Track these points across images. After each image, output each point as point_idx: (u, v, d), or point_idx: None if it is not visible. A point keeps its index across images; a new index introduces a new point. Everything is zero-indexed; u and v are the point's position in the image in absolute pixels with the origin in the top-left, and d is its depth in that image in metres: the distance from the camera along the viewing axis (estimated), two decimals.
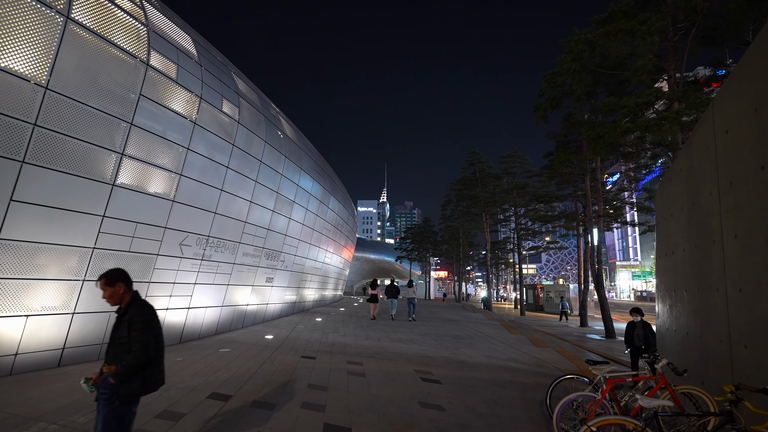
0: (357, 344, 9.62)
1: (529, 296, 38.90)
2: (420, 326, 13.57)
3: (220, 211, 9.79)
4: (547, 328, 18.35)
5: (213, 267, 9.97)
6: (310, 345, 9.27)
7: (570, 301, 34.82)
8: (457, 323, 15.11)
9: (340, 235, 22.80)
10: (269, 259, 12.92)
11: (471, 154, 36.99)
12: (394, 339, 10.57)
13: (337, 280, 25.52)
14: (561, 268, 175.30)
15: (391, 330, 12.27)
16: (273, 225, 12.71)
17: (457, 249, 48.45)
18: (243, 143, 10.34)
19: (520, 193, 33.48)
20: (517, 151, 33.37)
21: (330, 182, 19.02)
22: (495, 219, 41.44)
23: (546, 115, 18.07)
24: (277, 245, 13.37)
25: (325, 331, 11.44)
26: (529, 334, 12.74)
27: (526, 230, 37.41)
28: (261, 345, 8.95)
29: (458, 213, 43.83)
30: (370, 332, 11.56)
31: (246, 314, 11.85)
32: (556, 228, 33.39)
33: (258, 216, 11.68)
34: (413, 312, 16.38)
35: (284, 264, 14.19)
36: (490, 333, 12.48)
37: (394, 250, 58.64)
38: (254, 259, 11.88)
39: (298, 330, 11.55)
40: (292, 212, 13.93)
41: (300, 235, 15.20)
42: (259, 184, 11.40)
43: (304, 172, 14.51)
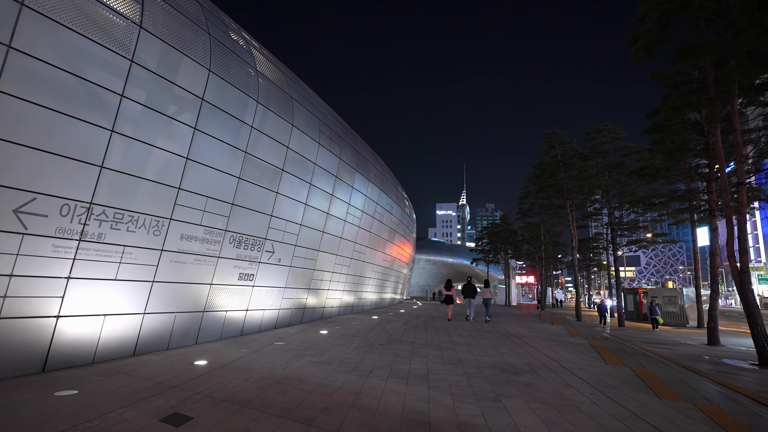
0: (321, 383, 5.51)
1: (629, 303, 32.29)
2: (461, 346, 9.14)
3: (112, 165, 6.26)
4: (659, 347, 12.92)
5: (112, 253, 6.45)
6: (238, 384, 5.34)
7: (684, 308, 27.99)
8: (521, 341, 10.40)
9: (384, 228, 18.80)
10: (243, 248, 9.28)
11: (550, 135, 31.16)
12: (396, 373, 6.33)
13: (384, 281, 21.51)
14: (665, 272, 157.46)
15: (408, 352, 8.03)
16: (246, 199, 9.07)
17: (539, 249, 42.30)
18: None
19: (614, 174, 27.20)
20: (608, 124, 27.15)
21: (362, 160, 15.15)
22: (583, 212, 35.07)
23: (650, 47, 12.73)
24: (258, 230, 9.71)
25: (299, 355, 7.50)
26: (636, 364, 7.80)
27: (621, 224, 30.80)
28: (145, 387, 5.18)
29: (537, 207, 38.00)
30: (369, 356, 7.44)
31: (208, 323, 8.26)
32: (663, 217, 26.60)
33: (210, 181, 8.07)
34: (488, 314, 16.53)
35: (274, 257, 10.48)
36: (570, 361, 7.75)
37: (473, 254, 53.56)
38: (208, 246, 8.28)
39: (248, 359, 7.70)
40: (279, 186, 10.20)
41: (302, 220, 11.46)
42: (201, 131, 7.73)
43: (296, 128, 10.74)
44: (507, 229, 47.58)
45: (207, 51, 7.71)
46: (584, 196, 27.23)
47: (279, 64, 11.14)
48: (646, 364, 7.90)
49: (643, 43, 12.54)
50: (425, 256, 64.91)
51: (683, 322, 27.25)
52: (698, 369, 8.37)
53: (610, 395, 5.41)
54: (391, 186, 19.47)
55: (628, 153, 26.28)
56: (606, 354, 8.52)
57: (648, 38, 12.41)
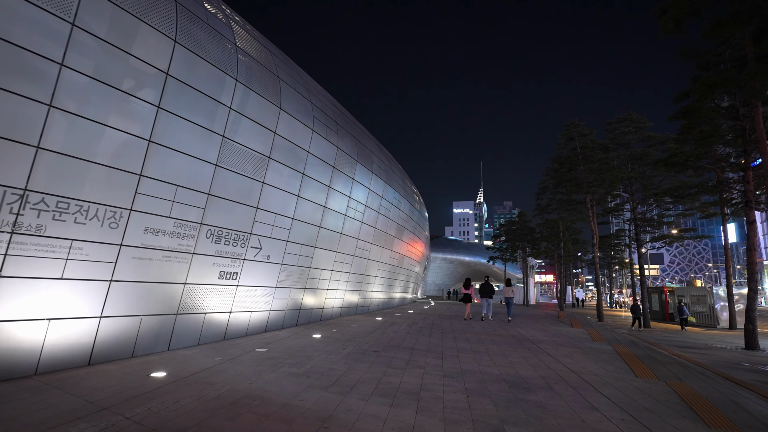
0: (287, 403, 4.52)
1: (654, 302, 30.66)
2: (467, 353, 8.06)
3: (52, 146, 5.39)
4: (692, 352, 11.65)
5: (56, 248, 5.58)
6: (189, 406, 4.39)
7: (714, 308, 26.32)
8: (536, 347, 9.27)
9: (391, 224, 17.77)
10: (224, 244, 8.38)
11: (569, 126, 29.60)
12: (383, 389, 5.30)
13: (392, 280, 20.48)
14: (689, 270, 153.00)
15: (404, 362, 6.99)
16: (225, 189, 8.16)
17: (557, 246, 40.73)
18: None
19: (637, 166, 25.62)
20: (630, 113, 25.59)
21: (364, 150, 14.14)
22: (604, 207, 33.49)
23: (679, 19, 11.45)
24: (241, 223, 8.79)
25: (276, 364, 6.53)
26: (671, 377, 6.62)
27: (645, 219, 29.14)
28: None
29: (556, 202, 36.48)
30: (358, 366, 6.43)
31: (182, 327, 7.37)
32: (691, 211, 24.89)
33: (180, 168, 7.16)
34: (509, 313, 16.42)
35: (262, 254, 9.56)
36: (593, 373, 6.62)
37: (490, 252, 52.14)
38: (180, 241, 7.38)
39: (221, 368, 6.76)
40: (266, 175, 9.26)
41: (294, 213, 10.52)
42: (167, 109, 6.82)
43: (284, 112, 9.79)
44: (524, 226, 46.03)
45: (172, 19, 6.79)
46: (605, 190, 25.72)
47: (266, 42, 10.20)
48: (684, 376, 6.72)
49: (673, 14, 11.26)
50: (441, 255, 63.65)
51: (713, 322, 25.59)
52: (743, 381, 7.15)
53: (646, 422, 4.30)
54: (398, 180, 18.43)
55: (652, 143, 24.72)
56: (635, 364, 7.35)
57: (678, 8, 11.13)
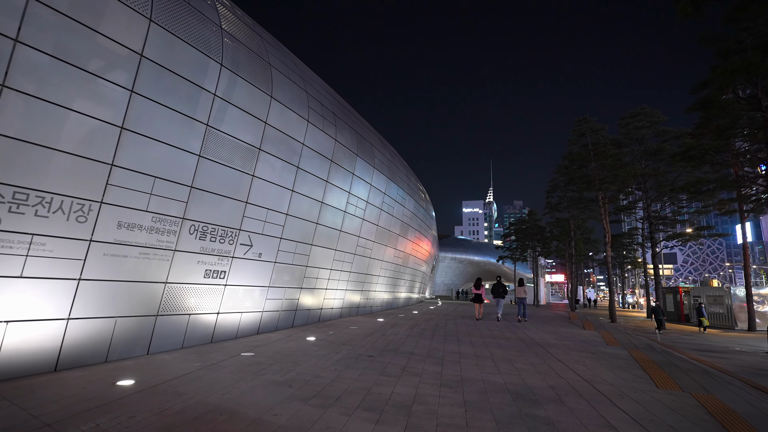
0: (258, 418, 3.94)
1: (669, 303, 29.72)
2: (469, 358, 7.46)
3: (6, 130, 4.88)
4: (713, 356, 10.92)
5: (13, 244, 5.08)
6: None
7: (732, 309, 25.36)
8: (545, 352, 8.62)
9: (395, 222, 17.18)
10: (210, 240, 7.85)
11: (580, 122, 28.78)
12: (370, 402, 4.72)
13: (397, 279, 19.87)
14: (703, 270, 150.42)
15: (399, 368, 6.40)
16: (210, 182, 7.63)
17: (568, 246, 39.82)
18: None
19: (651, 162, 24.77)
20: (644, 107, 24.73)
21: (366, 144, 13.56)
22: (616, 205, 32.61)
23: (699, 1, 10.70)
24: (229, 219, 8.27)
25: (259, 371, 5.97)
26: (696, 387, 5.95)
27: (660, 218, 28.24)
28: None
29: (567, 200, 35.64)
30: (348, 374, 5.85)
31: (164, 329, 6.84)
32: (707, 209, 23.97)
33: (158, 158, 6.63)
34: (524, 312, 16.12)
35: (253, 251, 9.02)
36: (608, 382, 5.98)
37: (499, 251, 51.35)
38: (159, 237, 6.86)
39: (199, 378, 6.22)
40: (256, 168, 8.72)
41: (289, 209, 9.97)
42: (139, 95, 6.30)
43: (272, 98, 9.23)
44: (535, 225, 45.17)
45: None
46: (618, 187, 24.88)
47: (257, 27, 9.65)
48: (710, 386, 6.05)
49: None
50: (451, 255, 62.88)
51: (731, 324, 24.62)
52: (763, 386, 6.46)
53: None
54: (402, 176, 17.83)
55: (667, 138, 23.84)
56: (654, 372, 6.68)
57: None
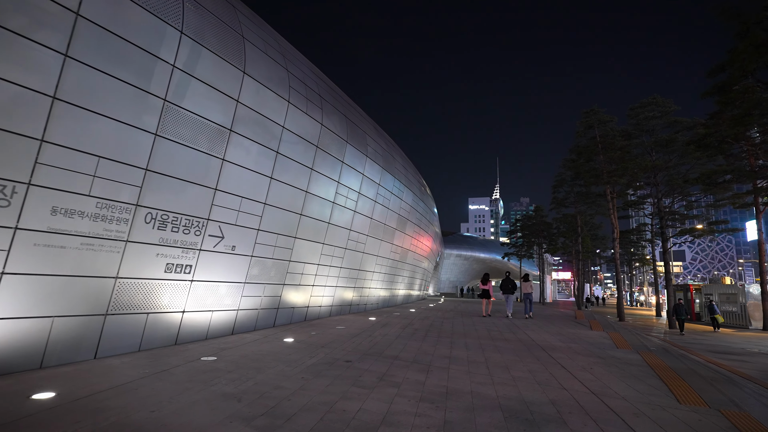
0: None
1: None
2: (461, 364, 6.58)
3: None
4: (731, 359, 10.00)
5: None
6: None
7: (746, 307, 24.28)
8: (547, 357, 7.72)
9: (392, 215, 16.31)
10: (171, 231, 7.02)
11: (588, 113, 27.71)
12: (330, 423, 3.84)
13: (394, 276, 19.00)
14: (712, 267, 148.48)
15: (377, 377, 5.52)
16: (170, 165, 6.80)
17: (575, 242, 38.82)
18: None
19: (662, 154, 23.67)
20: (655, 96, 23.63)
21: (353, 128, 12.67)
22: (625, 200, 31.54)
23: None
24: (195, 207, 7.43)
25: (211, 380, 5.14)
26: (724, 401, 5.05)
27: (672, 212, 27.14)
28: None
29: (573, 195, 34.66)
30: (315, 383, 5.00)
31: (116, 330, 6.02)
32: (721, 202, 22.85)
33: (102, 135, 5.80)
34: (530, 309, 15.94)
35: (224, 243, 8.18)
36: (620, 396, 5.08)
37: (505, 248, 50.43)
38: (107, 225, 6.03)
39: None
40: (226, 151, 7.87)
41: (267, 198, 9.12)
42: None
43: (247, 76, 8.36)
44: (541, 221, 44.17)
45: None
46: (627, 180, 23.81)
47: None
48: (740, 399, 5.13)
49: None
50: (456, 251, 62.04)
51: (745, 323, 23.58)
52: None
53: None
54: (399, 167, 16.92)
55: (679, 129, 22.74)
56: (674, 381, 5.77)
57: None
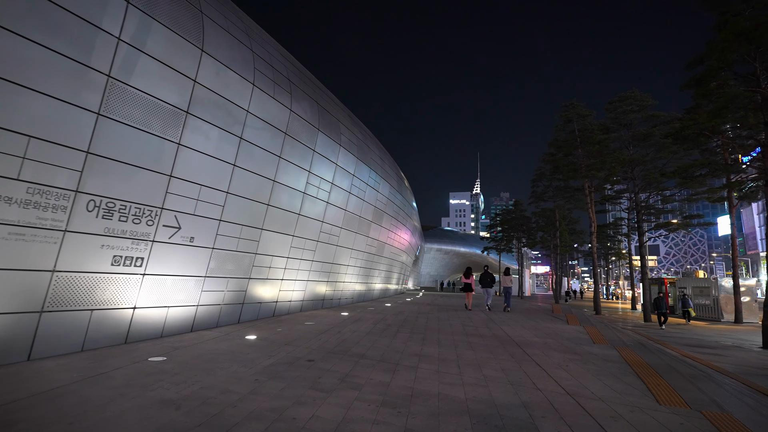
0: None
1: (654, 294, 29.01)
2: (431, 363, 6.20)
3: None
4: (706, 352, 9.92)
5: None
6: None
7: (719, 301, 24.63)
8: (522, 353, 7.41)
9: (368, 208, 15.86)
10: (119, 220, 6.45)
11: (567, 107, 27.71)
12: None
13: (370, 269, 18.58)
14: (685, 261, 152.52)
15: (338, 378, 5.08)
16: (117, 149, 6.22)
17: (553, 236, 39.05)
18: None
19: (640, 149, 23.77)
20: (634, 90, 23.67)
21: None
22: (602, 194, 31.77)
23: None
24: (146, 195, 6.86)
25: (151, 384, 4.63)
26: (705, 401, 4.77)
27: (648, 207, 27.38)
28: None
29: (552, 189, 34.78)
30: (268, 387, 4.54)
31: (53, 329, 5.43)
32: (699, 196, 23.11)
33: (33, 112, 5.20)
34: (509, 303, 16.72)
35: (181, 235, 7.63)
36: (596, 396, 4.76)
37: (485, 242, 50.55)
38: (40, 213, 5.44)
39: None
40: (182, 135, 7.30)
41: (230, 186, 8.57)
42: None
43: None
44: (520, 215, 44.39)
45: None
46: (605, 174, 23.84)
47: None
48: (720, 398, 4.87)
49: None
50: (436, 246, 62.07)
51: (717, 316, 23.94)
52: None
53: None
54: (375, 158, 16.45)
55: (656, 123, 22.84)
56: (652, 379, 5.49)
57: None
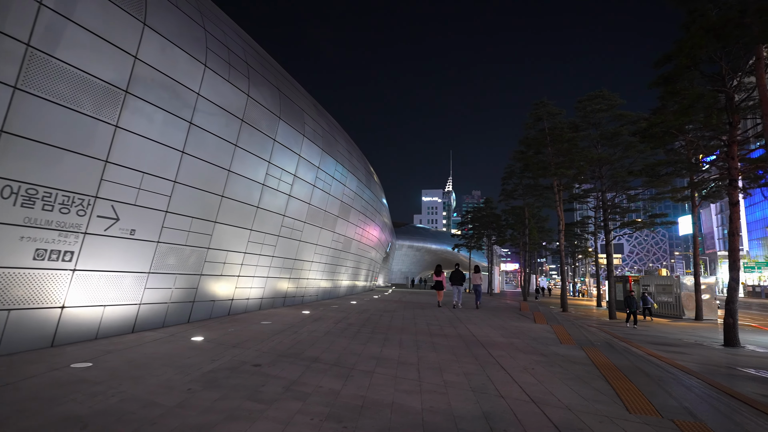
0: None
1: (619, 292, 29.48)
2: (389, 367, 5.74)
3: None
4: (670, 350, 9.86)
5: None
6: None
7: (681, 298, 25.13)
8: (487, 355, 7.06)
9: (334, 202, 15.31)
10: (44, 209, 5.73)
11: (537, 105, 27.72)
12: None
13: (337, 266, 18.05)
14: (647, 260, 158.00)
15: (282, 387, 4.55)
16: (37, 127, 5.51)
17: (523, 234, 39.32)
18: None
19: (608, 148, 24.02)
20: (602, 90, 23.85)
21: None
22: (571, 193, 32.11)
23: None
24: (77, 182, 6.15)
25: (58, 398, 4.02)
26: (676, 408, 4.49)
27: (614, 206, 27.79)
28: None
29: (522, 187, 34.95)
30: (195, 400, 3.98)
31: None
32: (661, 196, 23.54)
33: None
34: (479, 299, 17.15)
35: (120, 227, 6.93)
36: (562, 404, 4.41)
37: (458, 240, 50.70)
38: None
39: None
40: (120, 117, 6.61)
41: (177, 175, 7.90)
42: None
43: None
44: (491, 213, 44.61)
45: None
46: (574, 172, 23.97)
47: None
48: (693, 405, 4.61)
49: None
50: (408, 242, 62.05)
51: (679, 313, 24.41)
52: (761, 403, 5.16)
53: None
54: (342, 150, 15.89)
55: (624, 123, 23.09)
56: (621, 384, 5.19)
57: None
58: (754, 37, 8.99)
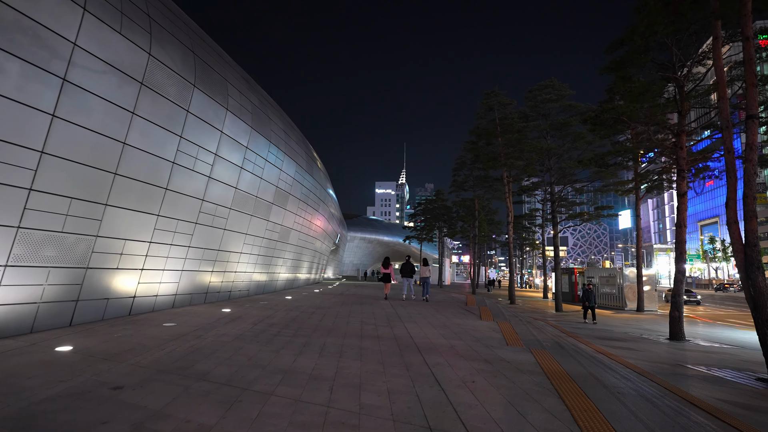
0: None
1: (564, 283, 29.79)
2: (301, 380, 4.57)
3: None
4: (616, 345, 9.30)
5: None
6: None
7: (623, 290, 25.48)
8: (422, 362, 6.04)
9: (268, 188, 13.87)
10: None
11: (488, 95, 27.20)
12: None
13: (273, 258, 16.60)
14: (590, 252, 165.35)
15: (130, 426, 3.35)
16: None
17: (473, 226, 39.14)
18: None
19: (557, 138, 23.85)
20: (552, 80, 23.60)
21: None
22: (520, 185, 32.03)
23: None
24: None
25: None
26: (633, 423, 3.63)
27: (561, 198, 27.92)
28: None
29: (473, 179, 34.69)
30: None
31: None
32: (607, 188, 23.73)
33: None
34: (427, 292, 16.71)
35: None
36: (506, 429, 3.45)
37: (410, 232, 50.16)
38: None
39: None
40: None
41: (45, 145, 6.33)
42: None
43: None
44: (442, 205, 44.30)
45: None
46: (524, 163, 23.66)
47: None
48: (652, 419, 3.75)
49: None
50: (360, 234, 61.14)
51: (621, 304, 24.78)
52: (716, 408, 4.44)
53: None
54: (277, 130, 14.42)
55: (573, 114, 22.96)
56: (576, 401, 4.28)
57: None
58: (712, 12, 8.42)
